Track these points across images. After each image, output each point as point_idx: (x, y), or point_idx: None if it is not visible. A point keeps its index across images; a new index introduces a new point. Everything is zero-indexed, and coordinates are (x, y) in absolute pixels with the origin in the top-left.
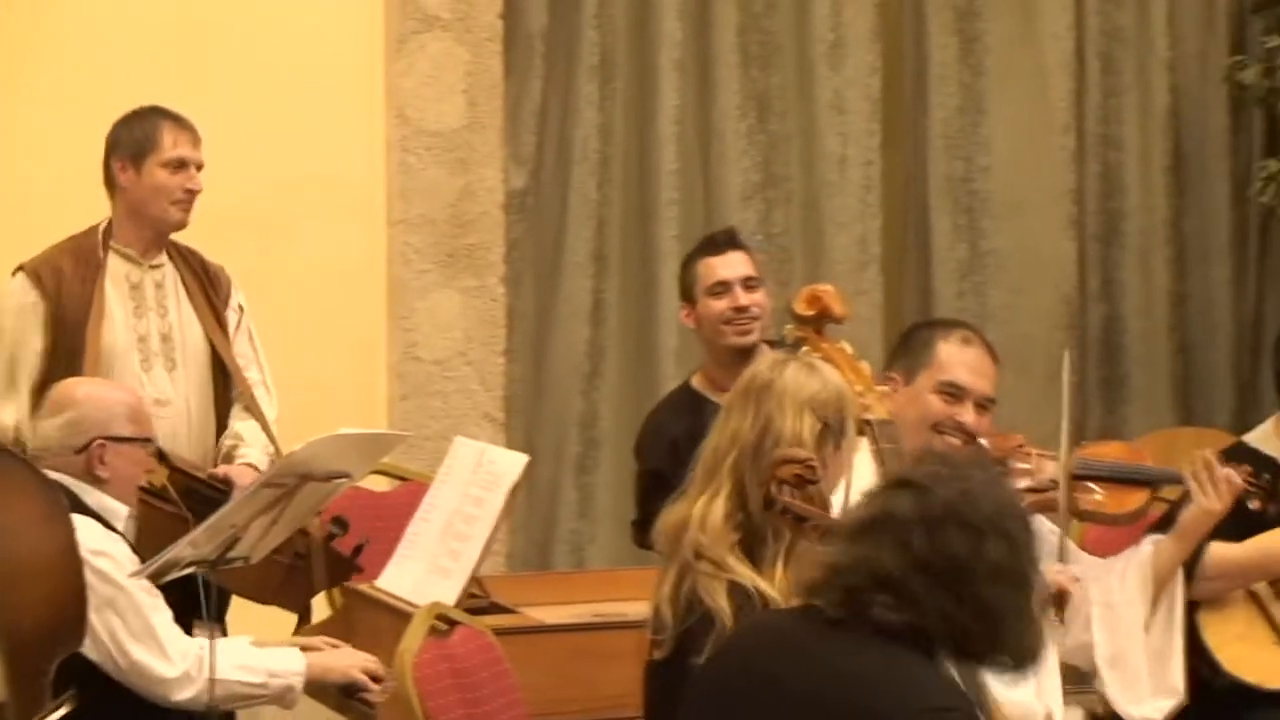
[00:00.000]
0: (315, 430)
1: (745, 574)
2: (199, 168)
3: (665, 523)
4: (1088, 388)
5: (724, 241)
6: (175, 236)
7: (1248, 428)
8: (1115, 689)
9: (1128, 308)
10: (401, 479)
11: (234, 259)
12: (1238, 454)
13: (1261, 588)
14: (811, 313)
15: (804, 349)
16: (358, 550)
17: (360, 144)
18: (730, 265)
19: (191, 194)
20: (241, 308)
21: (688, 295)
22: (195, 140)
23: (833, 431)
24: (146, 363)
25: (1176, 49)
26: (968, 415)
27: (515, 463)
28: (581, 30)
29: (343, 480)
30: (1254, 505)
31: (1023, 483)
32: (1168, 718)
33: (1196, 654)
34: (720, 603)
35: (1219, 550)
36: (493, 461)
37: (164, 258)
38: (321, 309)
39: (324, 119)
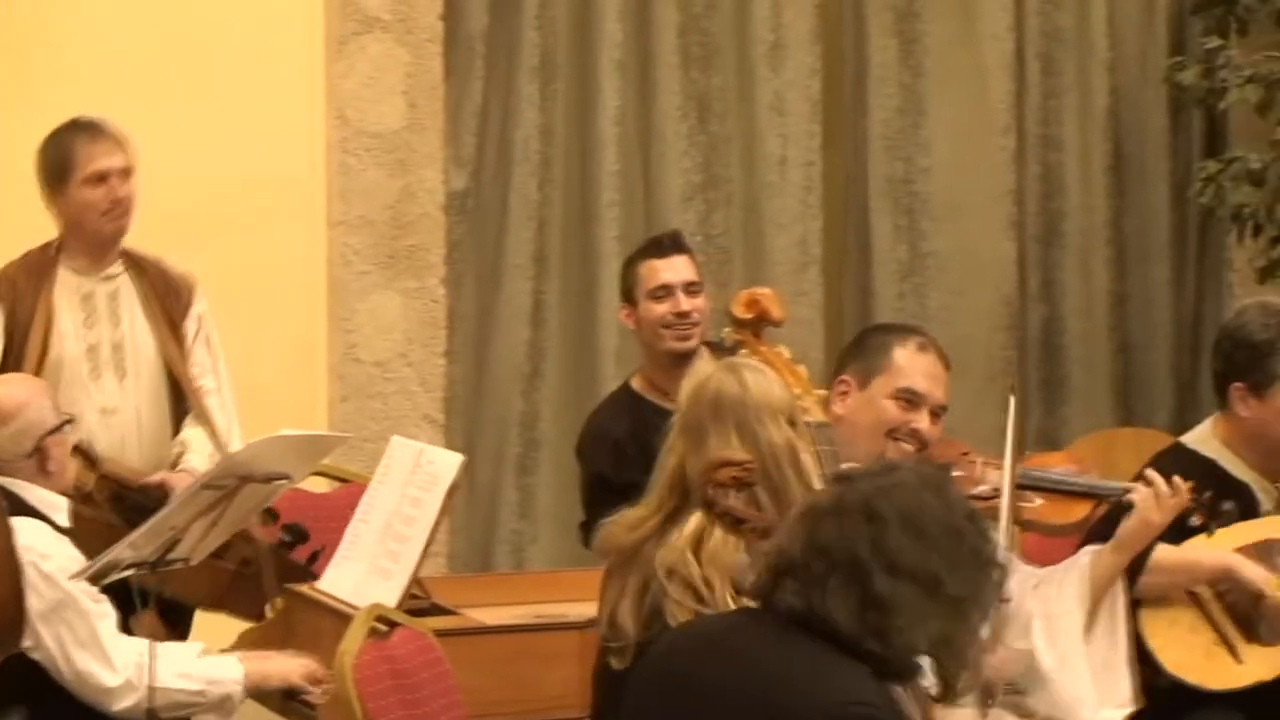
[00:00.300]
0: (255, 432)
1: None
2: (126, 173)
3: (620, 531)
4: (1028, 389)
5: (668, 245)
6: (137, 245)
7: (1187, 428)
8: (1060, 694)
9: (1067, 308)
10: (342, 480)
11: (174, 259)
12: (1176, 455)
13: (1203, 589)
14: (750, 316)
15: (742, 352)
16: (313, 558)
17: (300, 145)
18: (673, 269)
19: (119, 202)
20: (201, 318)
21: (628, 296)
22: (114, 147)
23: (798, 429)
24: (95, 371)
25: (1116, 50)
26: (923, 422)
27: (452, 463)
28: (522, 31)
29: (283, 482)
30: (1194, 521)
31: (966, 490)
32: None
33: (1139, 656)
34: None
35: (1162, 550)
36: (430, 462)
37: (119, 268)
38: (261, 310)
39: (264, 120)
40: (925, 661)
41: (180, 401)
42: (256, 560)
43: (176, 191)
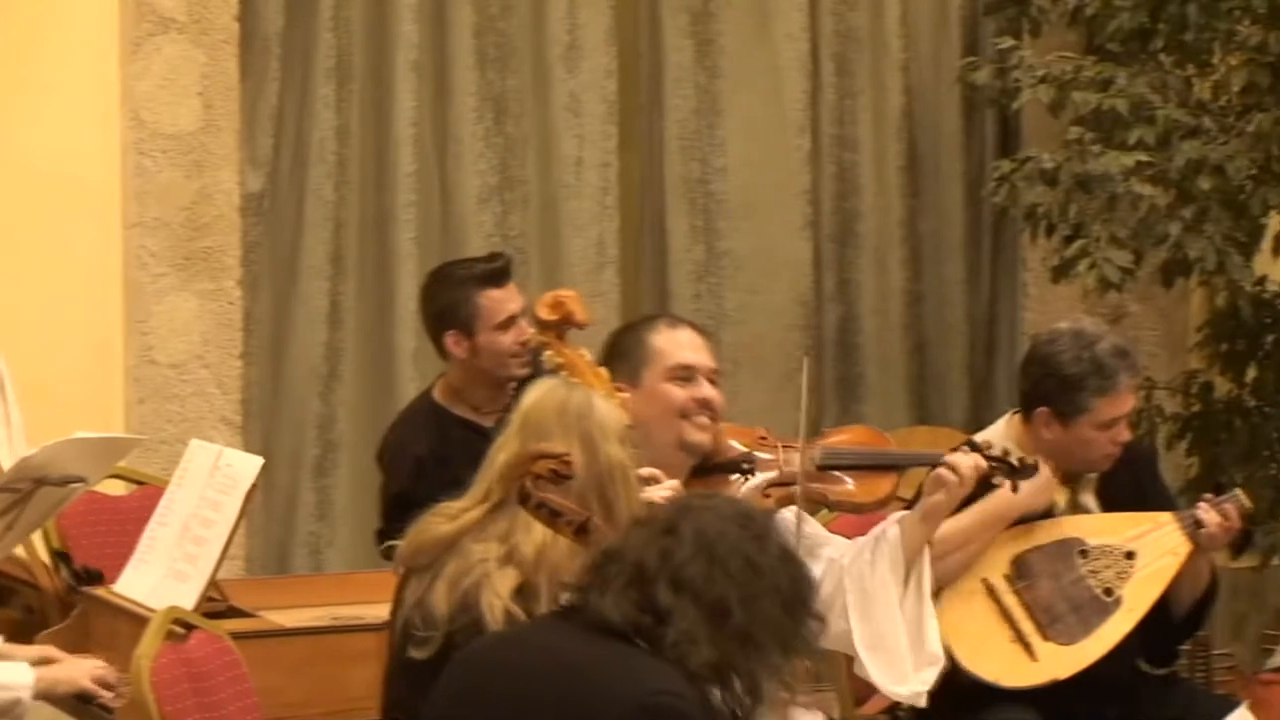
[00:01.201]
0: (51, 434)
1: None
2: None
3: (439, 521)
4: (824, 387)
5: (505, 272)
6: None
7: (981, 426)
8: (878, 672)
9: (863, 307)
10: (139, 483)
11: None
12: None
13: (999, 584)
14: (554, 318)
15: (547, 353)
16: (87, 575)
17: (96, 146)
18: (513, 298)
19: None
20: None
21: (463, 325)
22: None
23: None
24: None
25: (910, 51)
26: (708, 390)
27: (251, 465)
28: (318, 33)
29: (79, 485)
30: (998, 482)
31: (769, 475)
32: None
33: None
34: (496, 616)
35: (945, 526)
36: (229, 464)
37: None
38: (57, 312)
39: (59, 122)
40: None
41: None
42: (41, 609)
43: None
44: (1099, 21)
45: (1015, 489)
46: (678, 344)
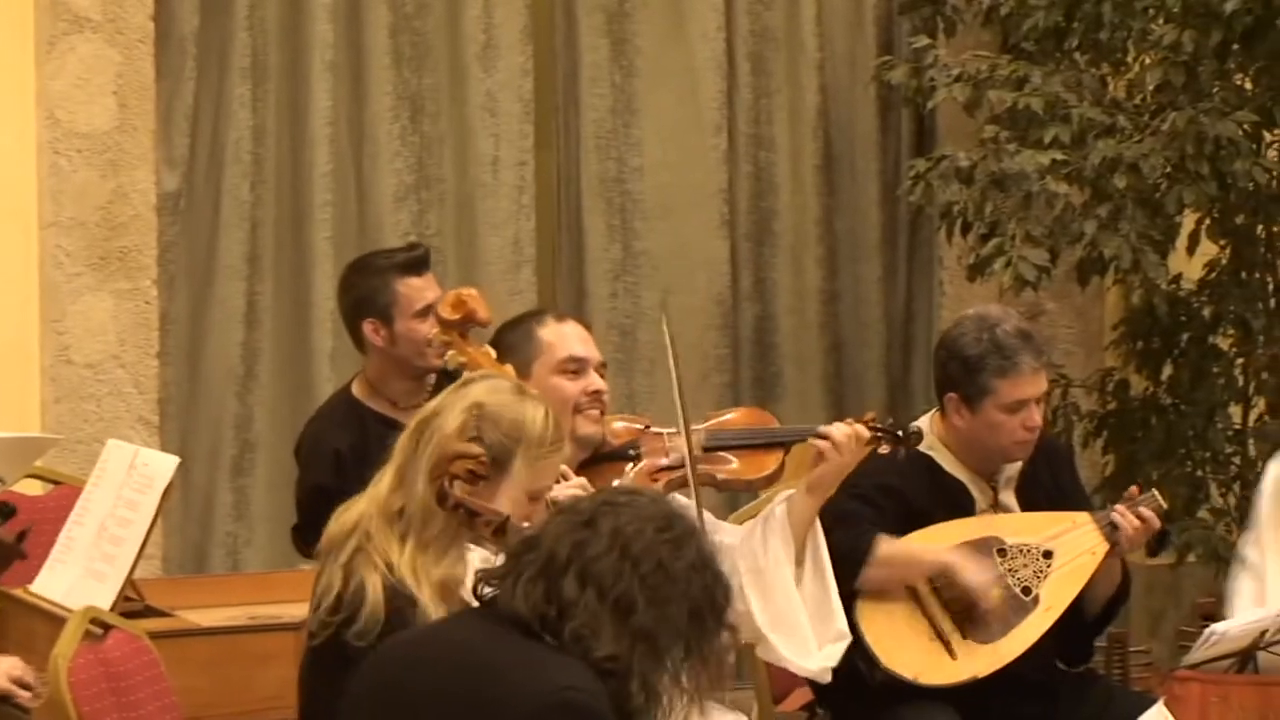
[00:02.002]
0: None
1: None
2: None
3: (341, 522)
4: (741, 386)
5: (424, 261)
6: None
7: (899, 424)
8: (783, 649)
9: (779, 307)
10: (55, 482)
11: None
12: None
13: (920, 584)
14: (457, 317)
15: (450, 352)
16: (21, 536)
17: (11, 146)
18: (432, 287)
19: None
20: None
21: (381, 313)
22: None
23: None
24: None
25: (826, 49)
26: (598, 382)
27: (167, 465)
28: (233, 32)
29: None
30: (884, 450)
31: (660, 462)
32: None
33: (855, 648)
34: (375, 586)
35: (885, 543)
36: (145, 464)
37: None
38: None
39: None
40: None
41: None
42: None
43: None
44: (1014, 20)
45: (897, 455)
46: (566, 337)
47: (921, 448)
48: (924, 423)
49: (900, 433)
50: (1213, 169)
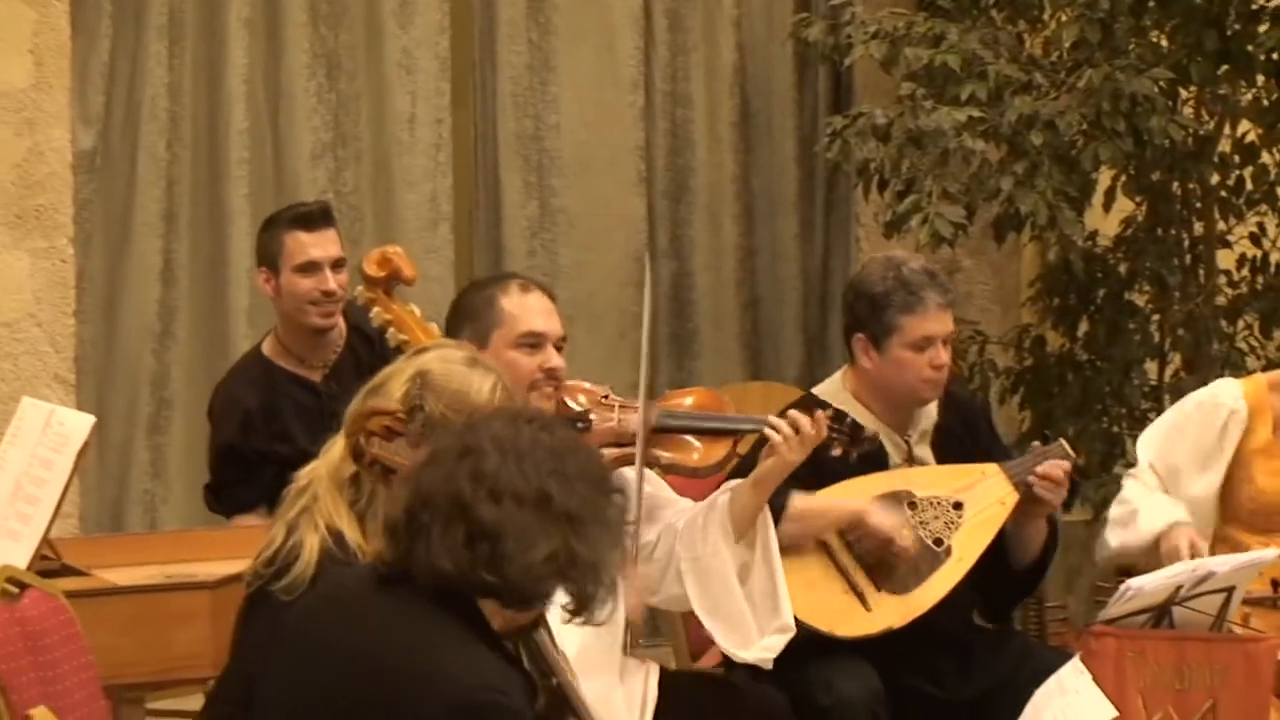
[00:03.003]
0: None
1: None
2: None
3: (297, 481)
4: (658, 344)
5: (318, 218)
6: None
7: (816, 381)
8: (721, 636)
9: (696, 263)
10: None
11: None
12: (804, 406)
13: (832, 538)
14: (382, 274)
15: (375, 310)
16: None
17: None
18: (322, 245)
19: None
20: None
21: (271, 263)
22: None
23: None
24: None
25: (742, 6)
26: (555, 359)
27: (83, 424)
28: None
29: None
30: (836, 452)
31: (608, 439)
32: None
33: None
34: (311, 546)
35: (797, 498)
36: (61, 423)
37: None
38: None
39: None
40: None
41: None
42: None
43: None
44: None
45: (849, 457)
46: (528, 310)
47: (835, 403)
48: (835, 379)
49: (853, 434)
50: (1129, 126)
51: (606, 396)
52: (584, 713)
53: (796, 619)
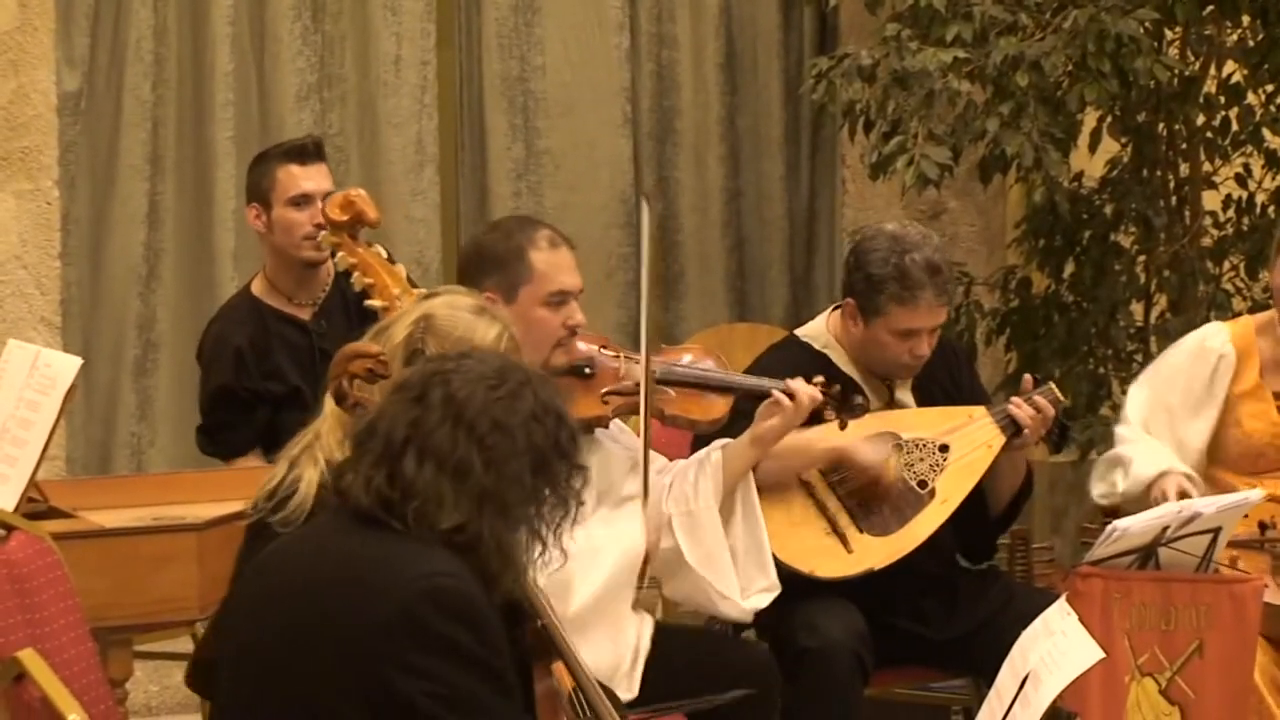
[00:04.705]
0: None
1: None
2: None
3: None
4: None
5: (311, 151)
6: None
7: (801, 322)
8: (714, 587)
9: (682, 205)
10: None
11: None
12: (788, 347)
13: (815, 480)
14: (345, 218)
15: (340, 254)
16: None
17: None
18: (314, 178)
19: None
20: None
21: (262, 199)
22: None
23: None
24: None
25: None
26: (579, 314)
27: (70, 366)
28: None
29: None
30: (828, 416)
31: (608, 384)
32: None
33: None
34: (310, 481)
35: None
36: (47, 365)
37: None
38: None
39: None
40: None
41: None
42: None
43: None
44: None
45: (843, 426)
46: (558, 267)
47: (817, 345)
48: (820, 322)
49: (848, 402)
50: (1114, 67)
51: (604, 346)
52: (569, 655)
53: (777, 559)
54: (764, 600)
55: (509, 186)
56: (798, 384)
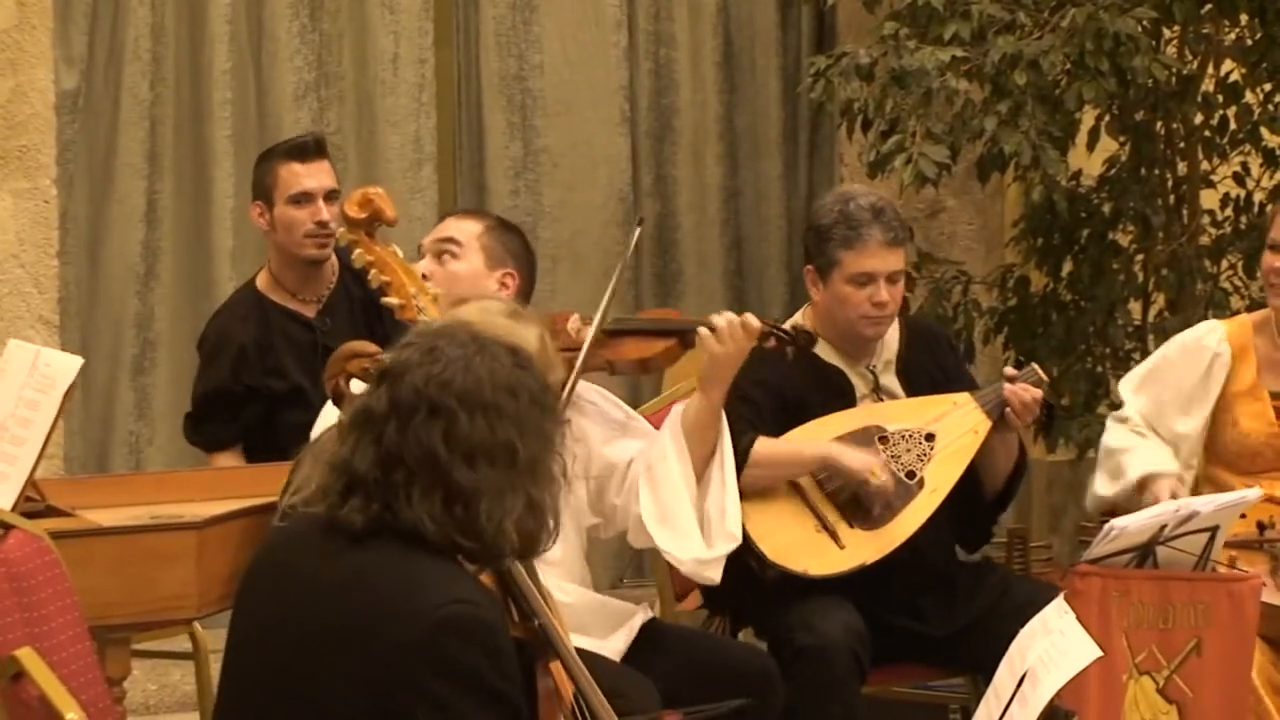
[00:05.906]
0: None
1: None
2: None
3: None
4: (642, 283)
5: (312, 149)
6: None
7: None
8: (667, 543)
9: (680, 204)
10: None
11: None
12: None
13: (803, 477)
14: (363, 215)
15: (356, 251)
16: None
17: None
18: (315, 176)
19: None
20: None
21: (265, 196)
22: None
23: None
24: None
25: None
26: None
27: (70, 365)
28: None
29: None
30: (770, 345)
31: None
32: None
33: (744, 548)
34: None
35: (763, 443)
36: (47, 364)
37: None
38: None
39: None
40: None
41: None
42: None
43: None
44: None
45: (794, 356)
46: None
47: None
48: (798, 315)
49: (791, 331)
50: (1112, 65)
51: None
52: (565, 655)
53: (771, 561)
54: (722, 550)
55: (507, 185)
56: (718, 317)
